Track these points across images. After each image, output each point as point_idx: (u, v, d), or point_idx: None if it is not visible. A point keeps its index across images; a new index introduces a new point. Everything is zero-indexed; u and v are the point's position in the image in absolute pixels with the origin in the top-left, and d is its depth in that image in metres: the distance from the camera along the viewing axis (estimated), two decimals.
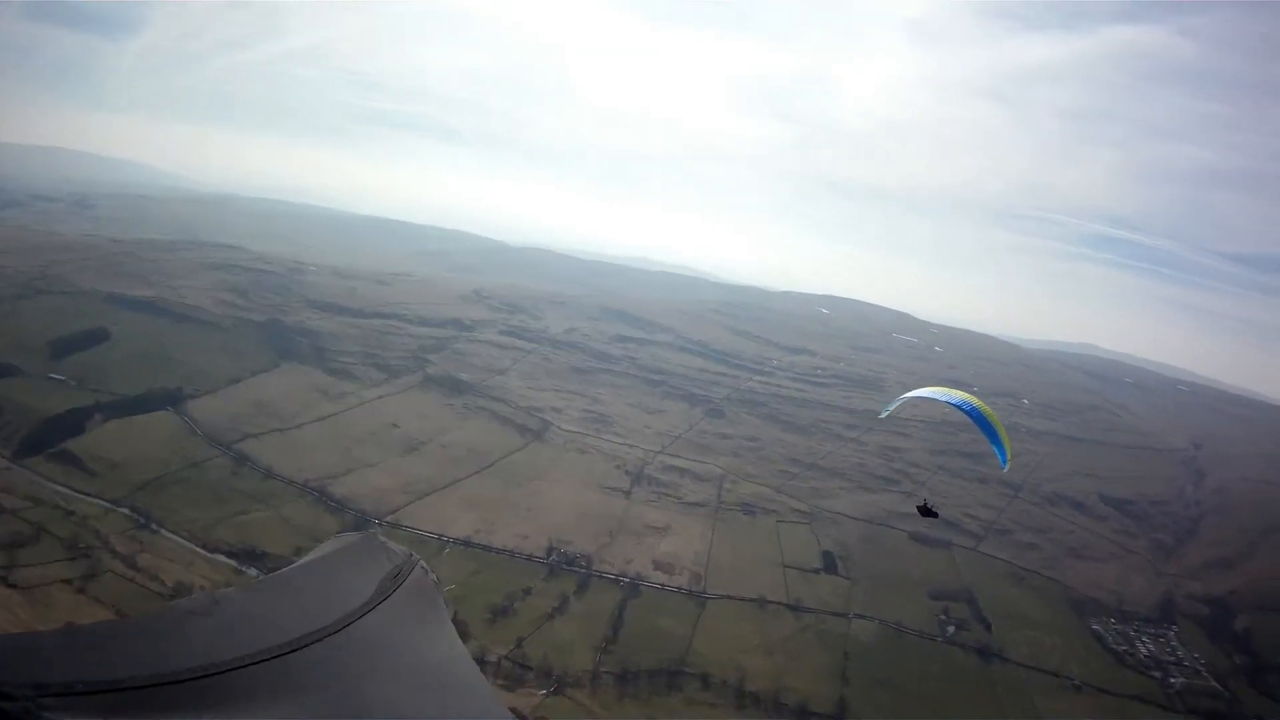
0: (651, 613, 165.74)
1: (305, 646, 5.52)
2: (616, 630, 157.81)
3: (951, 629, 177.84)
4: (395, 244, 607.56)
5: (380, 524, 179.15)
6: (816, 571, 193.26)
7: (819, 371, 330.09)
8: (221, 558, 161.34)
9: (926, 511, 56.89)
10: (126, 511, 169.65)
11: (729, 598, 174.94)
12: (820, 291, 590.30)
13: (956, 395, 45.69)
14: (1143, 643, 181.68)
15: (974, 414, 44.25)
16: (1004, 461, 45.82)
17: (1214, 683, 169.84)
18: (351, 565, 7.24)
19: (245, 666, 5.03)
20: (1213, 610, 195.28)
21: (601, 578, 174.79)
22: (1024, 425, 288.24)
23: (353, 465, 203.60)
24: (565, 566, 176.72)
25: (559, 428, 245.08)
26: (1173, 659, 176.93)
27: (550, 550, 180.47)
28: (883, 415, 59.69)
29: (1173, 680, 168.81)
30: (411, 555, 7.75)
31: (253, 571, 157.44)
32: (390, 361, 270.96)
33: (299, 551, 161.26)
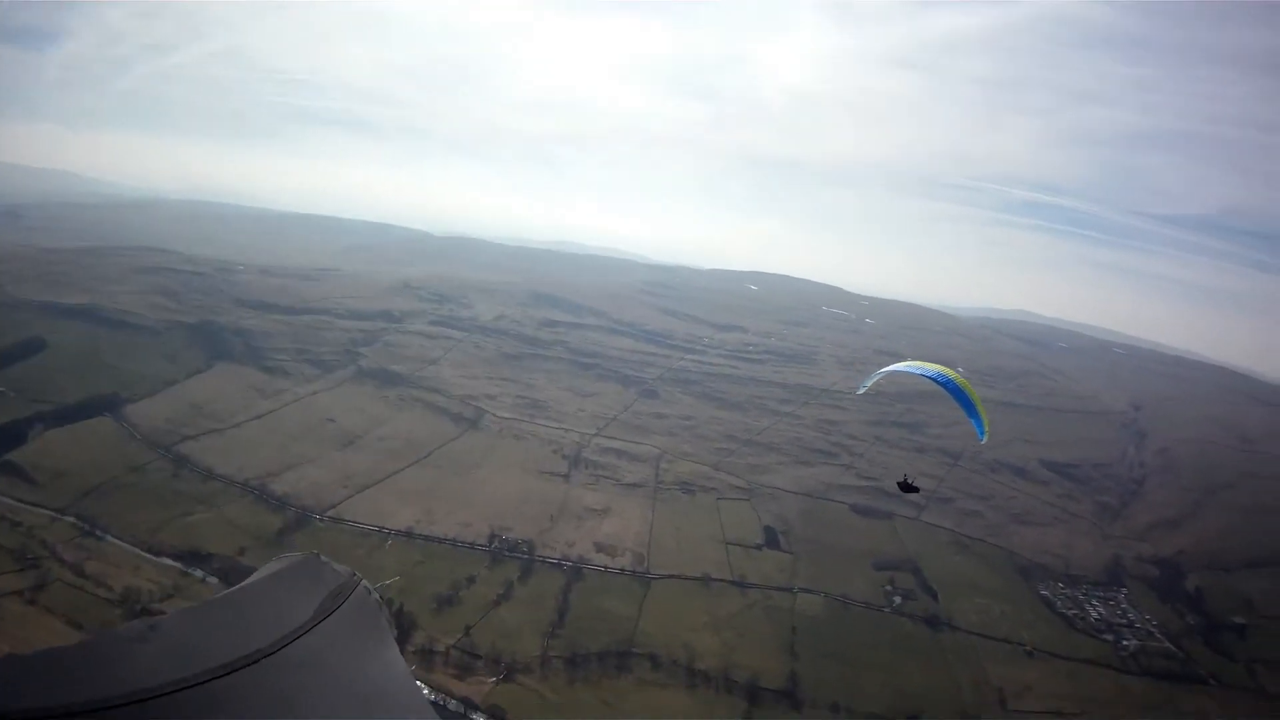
0: (596, 595, 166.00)
1: (240, 669, 5.64)
2: (563, 615, 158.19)
3: (898, 599, 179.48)
4: (322, 240, 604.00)
5: (322, 519, 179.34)
6: (759, 547, 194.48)
7: (750, 348, 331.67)
8: (167, 561, 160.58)
9: (908, 487, 57.15)
10: (72, 519, 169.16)
11: (673, 577, 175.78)
12: (748, 268, 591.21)
13: (933, 368, 46.11)
14: (1093, 606, 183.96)
15: (950, 386, 44.68)
16: (981, 433, 46.09)
17: (1168, 643, 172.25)
18: (291, 586, 7.36)
19: (179, 691, 5.16)
20: (1162, 571, 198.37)
21: (544, 563, 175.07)
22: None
23: (291, 462, 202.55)
24: (508, 553, 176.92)
25: (494, 415, 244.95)
26: (1124, 621, 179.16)
27: (492, 537, 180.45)
28: (860, 391, 59.77)
29: (1125, 643, 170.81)
30: (354, 575, 7.88)
31: (198, 573, 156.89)
32: (323, 357, 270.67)
33: (243, 552, 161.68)
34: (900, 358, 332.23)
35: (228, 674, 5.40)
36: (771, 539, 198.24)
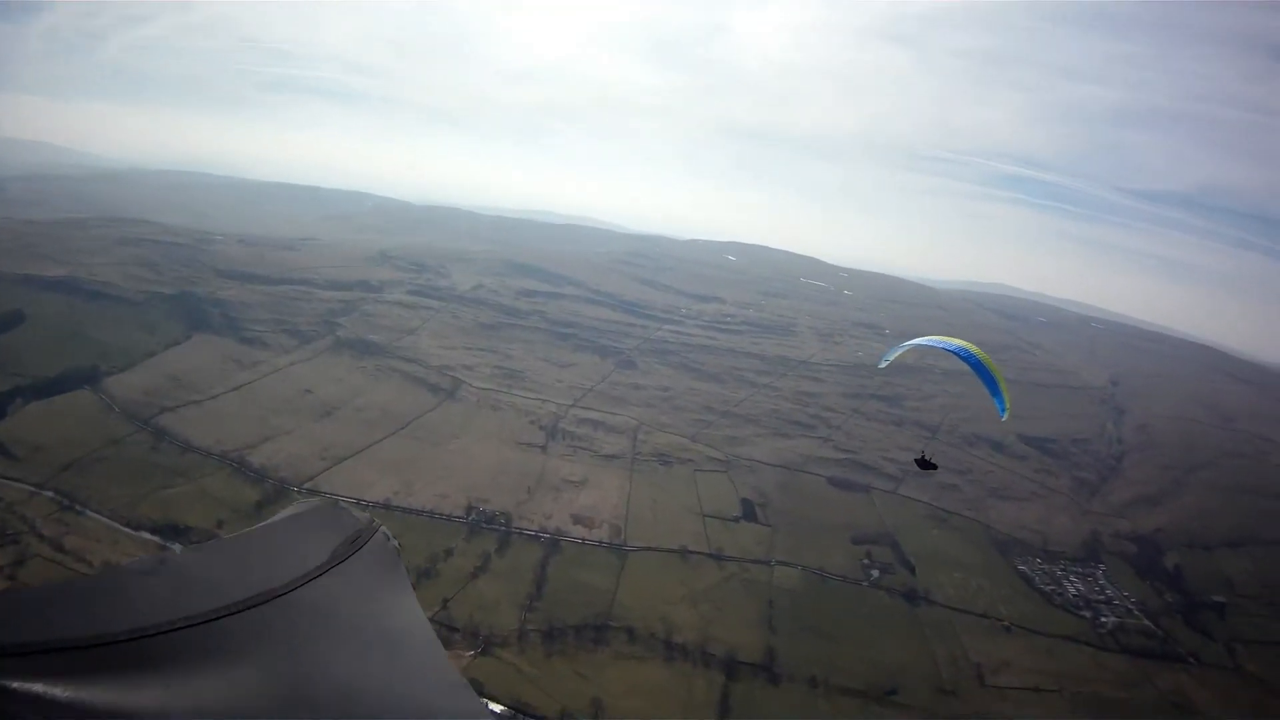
0: (574, 568, 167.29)
1: (251, 608, 5.61)
2: (540, 587, 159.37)
3: (875, 573, 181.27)
4: (301, 209, 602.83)
5: (300, 491, 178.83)
6: (736, 520, 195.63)
7: (729, 319, 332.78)
8: (146, 535, 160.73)
9: (925, 464, 57.98)
10: (51, 494, 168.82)
11: (650, 549, 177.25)
12: (727, 239, 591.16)
13: (955, 342, 46.21)
14: (1071, 582, 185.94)
15: (972, 360, 45.02)
16: (1002, 410, 46.35)
17: (1146, 621, 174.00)
18: (307, 530, 7.27)
19: (186, 628, 5.12)
20: (1140, 548, 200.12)
21: (522, 535, 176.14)
22: (938, 367, 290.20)
23: (269, 433, 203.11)
24: (485, 525, 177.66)
25: (471, 385, 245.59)
26: (1102, 598, 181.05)
27: (469, 509, 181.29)
28: (882, 365, 60.17)
29: (1104, 619, 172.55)
30: (373, 521, 7.69)
31: (176, 547, 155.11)
32: (301, 327, 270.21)
33: (221, 525, 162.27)
34: (879, 330, 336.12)
35: (236, 612, 5.48)
36: (749, 511, 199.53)
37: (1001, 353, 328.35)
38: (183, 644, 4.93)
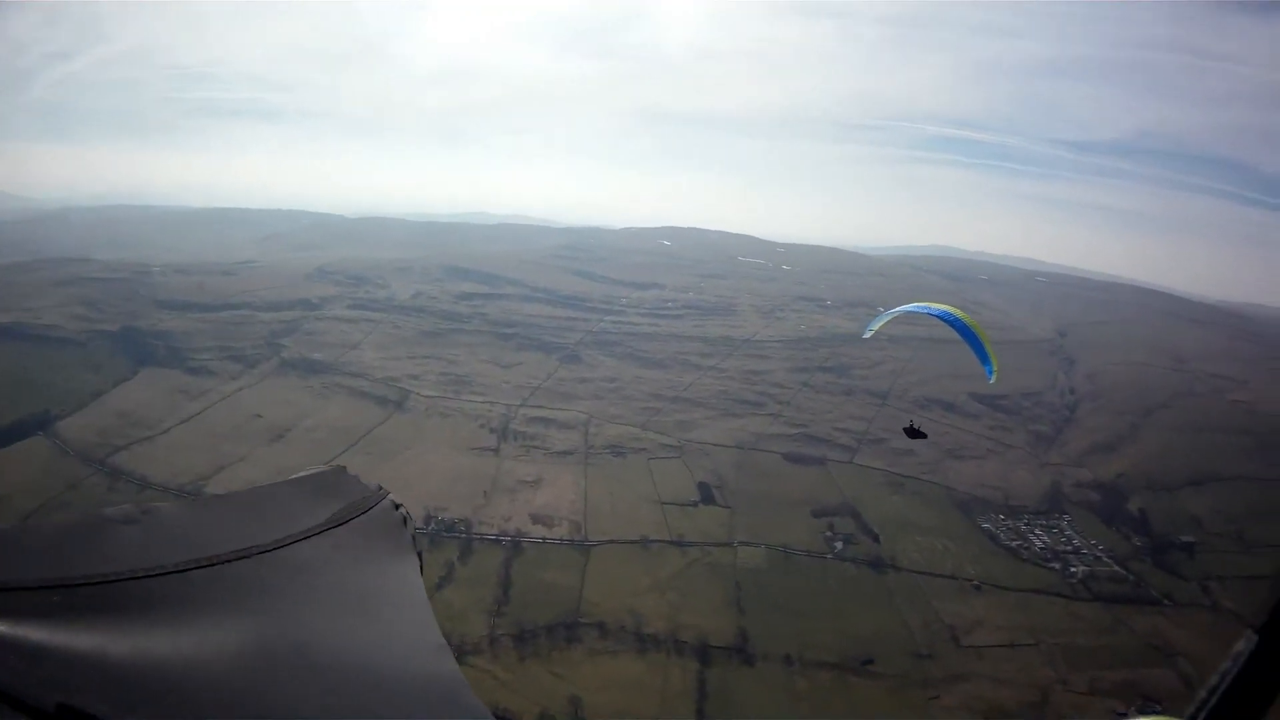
0: (538, 568, 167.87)
1: (232, 561, 5.36)
2: (506, 591, 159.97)
3: (839, 545, 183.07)
4: (236, 233, 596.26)
5: None
6: (695, 504, 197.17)
7: (669, 304, 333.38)
8: None
9: (914, 432, 58.79)
10: None
11: (612, 542, 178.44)
12: (661, 224, 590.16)
13: (939, 307, 46.92)
14: (1036, 535, 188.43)
15: (957, 324, 45.66)
16: (990, 373, 47.01)
17: (1116, 567, 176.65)
18: (308, 493, 7.08)
19: (157, 576, 4.93)
20: (1103, 495, 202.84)
21: (483, 540, 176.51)
22: (884, 333, 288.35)
23: (223, 462, 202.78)
24: (445, 534, 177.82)
25: (419, 394, 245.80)
26: (1069, 548, 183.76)
27: (428, 519, 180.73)
28: (867, 335, 60.98)
29: (1073, 569, 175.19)
30: (381, 489, 7.57)
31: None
32: (245, 352, 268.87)
33: None
34: (821, 302, 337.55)
35: (209, 565, 5.23)
36: (706, 495, 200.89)
37: None
38: (147, 593, 4.83)
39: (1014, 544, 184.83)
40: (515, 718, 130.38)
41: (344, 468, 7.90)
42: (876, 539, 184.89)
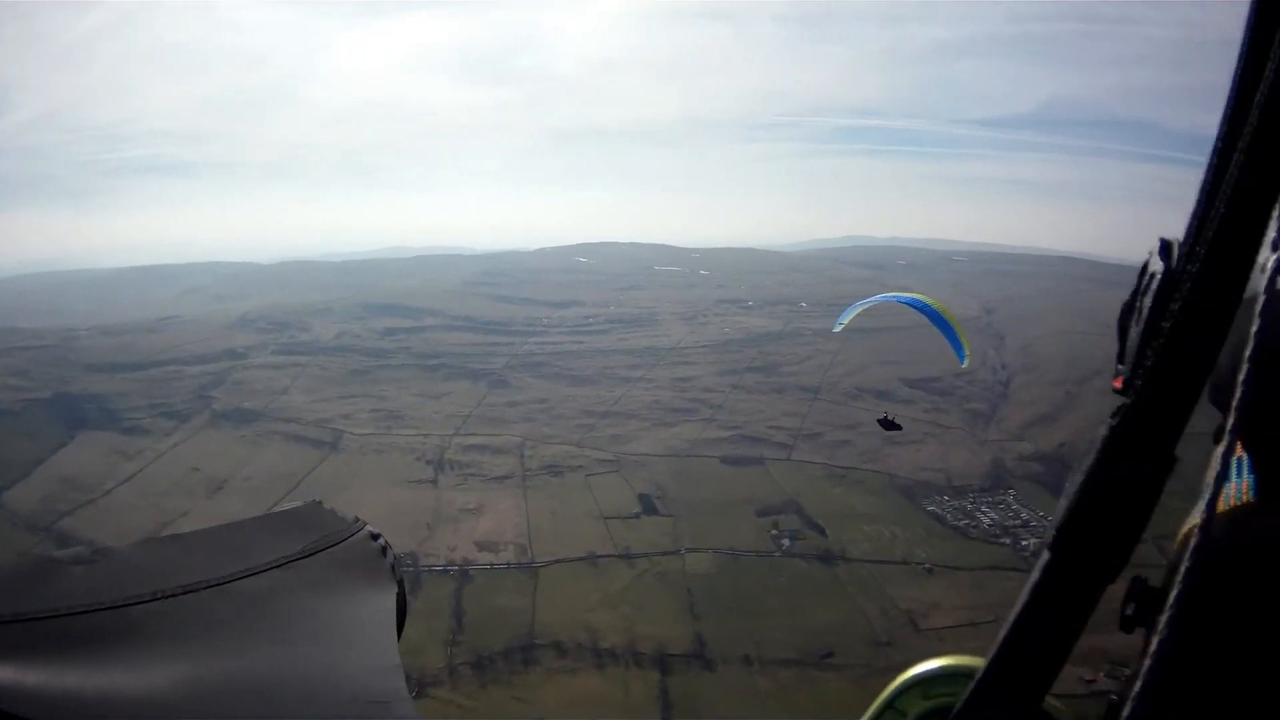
0: (488, 594, 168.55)
1: (178, 595, 4.38)
2: (460, 620, 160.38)
3: (786, 542, 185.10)
4: (158, 290, 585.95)
5: None
6: (637, 516, 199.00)
7: (591, 320, 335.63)
8: None
9: (889, 424, 60.19)
10: None
11: (559, 561, 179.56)
12: (576, 241, 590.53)
13: (909, 295, 48.64)
14: (983, 513, 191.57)
15: (928, 311, 47.12)
16: (962, 358, 48.31)
17: None
18: (279, 528, 5.79)
19: (83, 614, 4.03)
20: (1046, 467, 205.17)
21: (431, 572, 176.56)
22: (809, 328, 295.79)
23: (166, 518, 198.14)
24: (393, 570, 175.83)
25: (352, 434, 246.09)
26: (1018, 522, 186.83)
27: None
28: (837, 329, 62.43)
29: (1024, 543, 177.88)
30: (357, 520, 5.97)
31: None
32: (177, 407, 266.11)
33: None
34: (742, 304, 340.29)
35: (153, 600, 4.37)
36: (648, 505, 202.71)
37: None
38: (91, 629, 4.06)
39: (962, 524, 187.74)
40: None
41: (319, 501, 6.28)
42: (823, 532, 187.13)
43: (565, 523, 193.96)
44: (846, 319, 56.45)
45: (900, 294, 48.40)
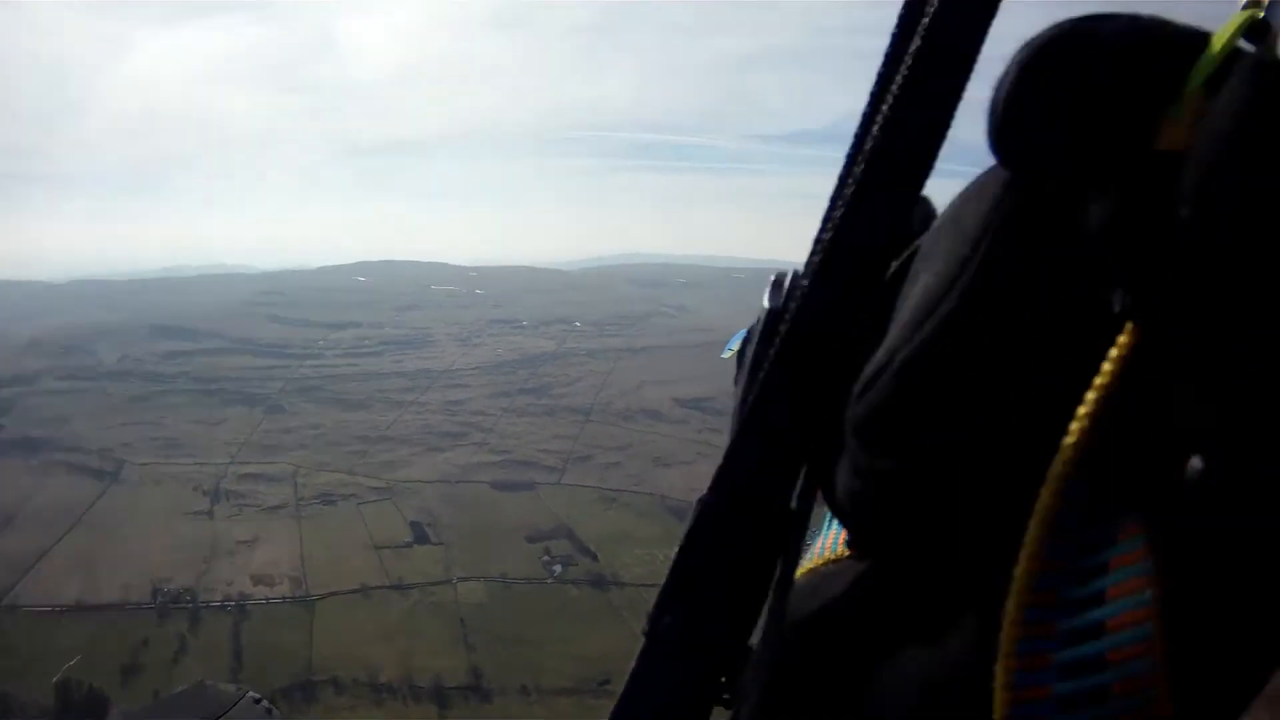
0: (266, 630, 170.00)
1: None
2: (239, 658, 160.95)
3: (558, 568, 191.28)
4: None
5: None
6: (409, 545, 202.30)
7: (366, 342, 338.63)
8: None
9: None
10: None
11: (334, 594, 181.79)
12: (356, 259, 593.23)
13: None
14: None
15: None
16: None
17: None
18: (169, 712, 7.43)
19: None
20: None
21: (209, 607, 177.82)
22: (581, 348, 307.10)
23: None
24: (173, 605, 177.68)
25: (133, 463, 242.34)
26: None
27: (155, 593, 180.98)
28: (725, 355, 65.88)
29: None
30: (239, 689, 7.91)
31: None
32: None
33: None
34: (517, 324, 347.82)
35: None
36: (420, 534, 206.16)
37: (643, 322, 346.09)
38: None
39: None
40: None
41: (203, 681, 8.45)
42: (595, 557, 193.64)
43: (339, 553, 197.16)
44: (735, 344, 60.88)
45: None
